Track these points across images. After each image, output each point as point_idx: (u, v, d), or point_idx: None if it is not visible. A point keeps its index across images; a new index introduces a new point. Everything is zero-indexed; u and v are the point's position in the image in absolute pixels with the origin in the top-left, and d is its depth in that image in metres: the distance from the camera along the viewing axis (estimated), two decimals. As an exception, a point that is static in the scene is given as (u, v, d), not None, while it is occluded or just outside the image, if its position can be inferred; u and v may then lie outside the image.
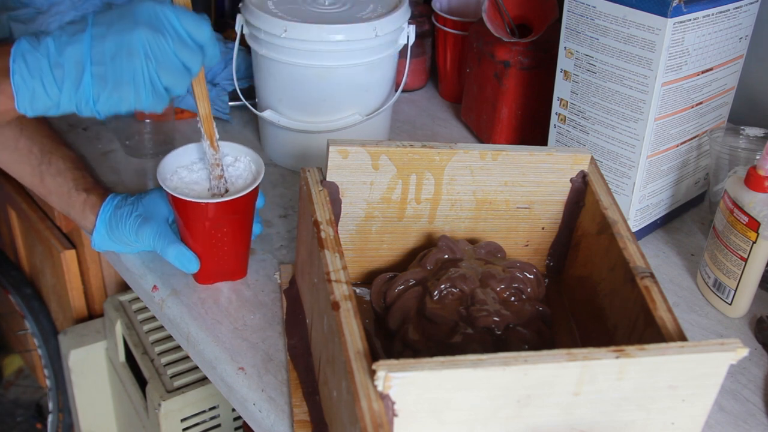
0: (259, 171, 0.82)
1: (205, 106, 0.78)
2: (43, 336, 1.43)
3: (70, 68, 0.68)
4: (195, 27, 0.70)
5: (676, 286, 0.89)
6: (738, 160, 0.91)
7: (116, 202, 0.85)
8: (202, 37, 0.70)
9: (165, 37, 0.68)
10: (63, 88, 0.68)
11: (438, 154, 0.74)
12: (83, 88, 0.68)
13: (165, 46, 0.68)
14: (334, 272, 0.62)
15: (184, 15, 0.69)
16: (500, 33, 1.04)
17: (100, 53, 0.68)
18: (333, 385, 0.61)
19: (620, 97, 0.86)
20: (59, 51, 0.67)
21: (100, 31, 0.68)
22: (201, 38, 0.70)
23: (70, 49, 0.67)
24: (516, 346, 0.66)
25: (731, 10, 0.86)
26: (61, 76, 0.68)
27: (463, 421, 0.54)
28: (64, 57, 0.67)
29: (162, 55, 0.68)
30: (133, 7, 0.69)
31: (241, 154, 0.84)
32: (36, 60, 0.67)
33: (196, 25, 0.70)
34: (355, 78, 0.98)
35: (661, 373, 0.55)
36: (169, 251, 0.81)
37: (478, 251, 0.76)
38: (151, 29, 0.68)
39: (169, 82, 0.70)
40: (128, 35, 0.67)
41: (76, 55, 0.68)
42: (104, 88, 0.68)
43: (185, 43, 0.69)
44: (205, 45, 0.71)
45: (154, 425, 1.15)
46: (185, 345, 0.81)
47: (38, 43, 0.68)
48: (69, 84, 0.68)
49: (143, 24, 0.68)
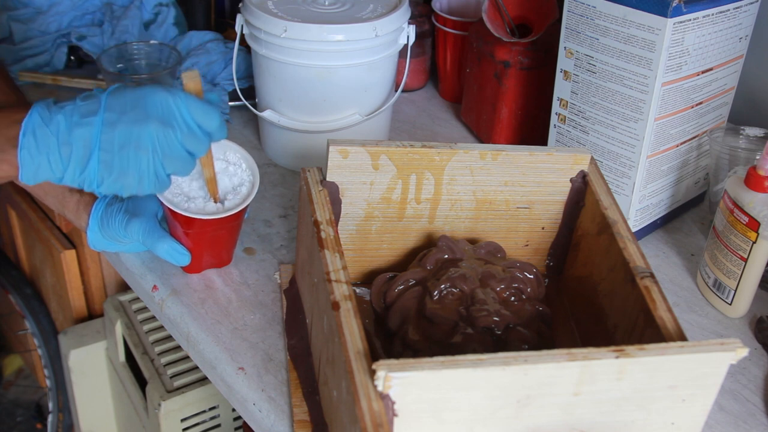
0: (254, 183, 0.82)
1: (210, 171, 0.79)
2: (43, 336, 1.43)
3: (78, 149, 0.69)
4: (205, 118, 0.71)
5: (676, 286, 0.89)
6: (738, 160, 0.91)
7: (108, 200, 0.86)
8: (211, 127, 0.72)
9: (174, 130, 0.69)
10: (68, 167, 0.69)
11: (438, 154, 0.74)
12: (89, 171, 0.69)
13: (173, 139, 0.69)
14: (334, 272, 0.62)
15: (195, 106, 0.70)
16: (500, 33, 1.04)
17: (109, 141, 0.69)
18: (333, 385, 0.61)
19: (620, 97, 0.86)
20: (69, 130, 0.68)
21: (112, 117, 0.69)
22: (210, 128, 0.72)
23: (80, 130, 0.68)
24: (516, 346, 0.66)
25: (731, 10, 0.86)
26: (68, 156, 0.69)
27: (463, 421, 0.54)
28: (73, 137, 0.68)
29: (169, 148, 0.70)
30: (146, 95, 0.70)
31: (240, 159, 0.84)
32: (45, 137, 0.68)
33: (207, 117, 0.71)
34: (355, 78, 0.98)
35: (661, 373, 0.55)
36: (159, 246, 0.81)
37: (478, 251, 0.76)
38: (162, 124, 0.69)
39: (173, 170, 0.71)
40: (138, 128, 0.68)
41: (85, 138, 0.69)
42: (109, 174, 0.70)
43: (194, 133, 0.71)
44: (213, 133, 0.72)
45: (154, 425, 1.15)
46: (185, 345, 0.81)
47: (50, 118, 0.68)
48: (75, 164, 0.69)
49: (154, 118, 0.69)
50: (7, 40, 1.28)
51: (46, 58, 1.25)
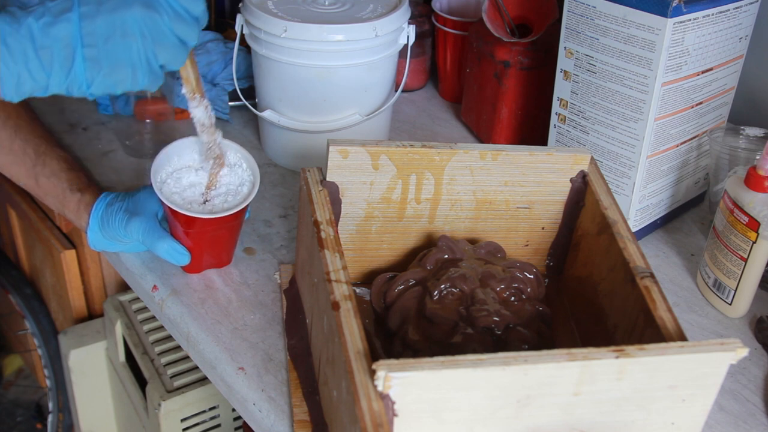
0: (255, 183, 0.82)
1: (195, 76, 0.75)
2: (43, 336, 1.43)
3: (59, 51, 0.63)
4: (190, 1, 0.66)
5: (676, 286, 0.89)
6: (738, 160, 0.91)
7: (108, 200, 0.86)
8: (197, 9, 0.67)
9: (160, 13, 0.65)
10: (52, 72, 0.64)
11: (438, 154, 0.74)
12: (75, 71, 0.64)
13: (160, 23, 0.65)
14: (334, 272, 0.62)
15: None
16: (500, 33, 1.04)
17: (92, 34, 0.63)
18: (333, 385, 0.61)
19: (620, 97, 0.86)
20: (44, 32, 0.62)
21: (89, 10, 0.63)
22: (196, 11, 0.67)
23: (56, 29, 0.63)
24: (516, 346, 0.66)
25: (731, 10, 0.86)
26: (49, 60, 0.63)
27: (463, 421, 0.54)
28: (51, 38, 0.63)
29: (158, 32, 0.65)
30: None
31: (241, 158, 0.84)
32: (19, 43, 0.62)
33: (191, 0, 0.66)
34: (355, 78, 0.98)
35: (661, 373, 0.55)
36: (159, 246, 0.81)
37: (478, 251, 0.76)
38: (145, 6, 0.64)
39: (166, 59, 0.67)
40: (121, 14, 0.63)
41: (65, 37, 0.63)
42: (98, 71, 0.65)
43: (181, 17, 0.66)
44: (200, 17, 0.68)
45: (154, 425, 1.15)
46: (185, 345, 0.81)
47: (19, 24, 0.62)
48: (58, 67, 0.64)
49: (137, 2, 0.64)
50: None
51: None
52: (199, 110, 0.77)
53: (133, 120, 1.05)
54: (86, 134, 1.12)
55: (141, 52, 0.65)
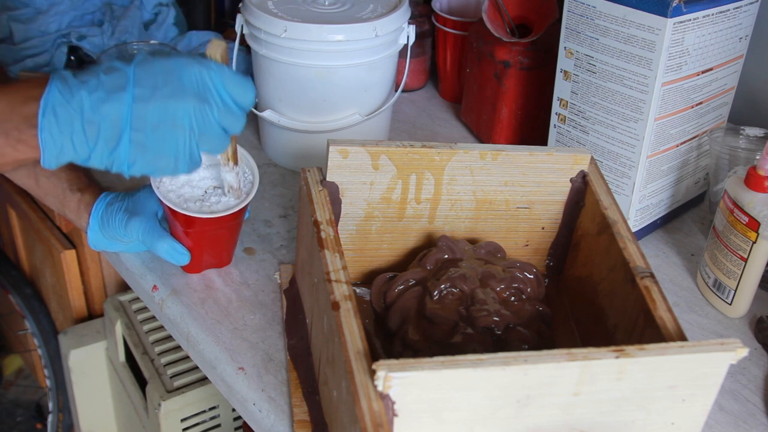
0: (255, 183, 0.82)
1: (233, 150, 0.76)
2: (43, 336, 1.43)
3: (106, 129, 0.62)
4: (241, 92, 0.65)
5: (676, 286, 0.89)
6: (738, 160, 0.91)
7: (108, 200, 0.86)
8: (246, 102, 0.66)
9: (211, 106, 0.64)
10: (95, 148, 0.63)
11: (438, 154, 0.74)
12: (119, 151, 0.63)
13: (210, 116, 0.64)
14: (334, 272, 0.62)
15: (230, 80, 0.65)
16: (500, 33, 1.04)
17: (142, 118, 0.62)
18: (333, 385, 0.61)
19: (620, 97, 0.86)
20: (94, 108, 0.62)
21: (143, 93, 0.62)
22: (246, 103, 0.66)
23: (107, 107, 0.62)
24: (516, 346, 0.66)
25: (731, 10, 0.86)
26: (95, 136, 0.62)
27: (463, 421, 0.54)
28: (100, 115, 0.62)
29: (206, 125, 0.64)
30: (179, 68, 0.63)
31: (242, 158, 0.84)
32: (68, 116, 0.61)
33: (243, 91, 0.65)
34: (355, 78, 0.98)
35: (661, 373, 0.55)
36: (159, 246, 0.81)
37: (478, 251, 0.76)
38: (198, 100, 0.63)
39: (207, 148, 0.66)
40: (174, 104, 0.62)
41: (114, 116, 0.62)
42: (142, 155, 0.64)
43: (230, 109, 0.65)
44: (248, 108, 0.67)
45: (154, 425, 1.15)
46: (185, 345, 0.81)
47: (71, 94, 0.61)
48: (103, 145, 0.63)
49: (191, 94, 0.63)
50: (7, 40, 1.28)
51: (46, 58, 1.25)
52: (230, 175, 0.79)
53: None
54: (86, 134, 1.12)
55: (186, 143, 0.64)
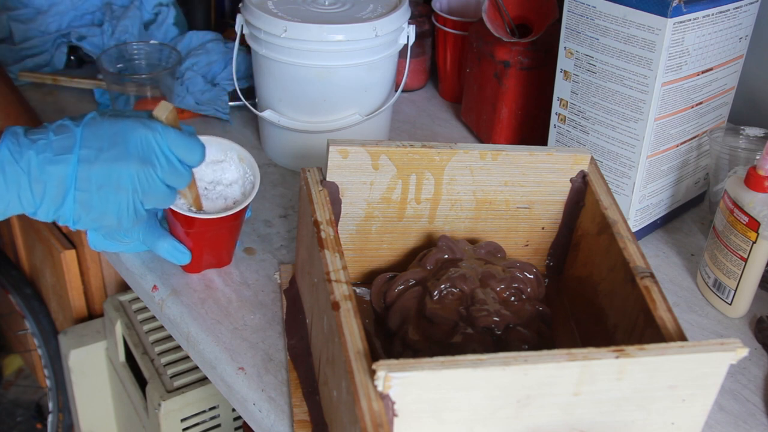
0: (255, 183, 0.82)
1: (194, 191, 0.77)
2: (43, 336, 1.43)
3: (52, 188, 0.65)
4: (187, 153, 0.69)
5: (676, 286, 0.89)
6: (738, 160, 0.91)
7: None
8: (193, 161, 0.70)
9: (155, 168, 0.67)
10: (42, 204, 0.66)
11: (438, 154, 0.74)
12: (64, 209, 0.67)
13: (154, 177, 0.67)
14: (334, 272, 0.62)
15: (177, 142, 0.68)
16: (500, 33, 1.04)
17: (86, 179, 0.66)
18: (333, 385, 0.61)
19: (620, 97, 0.86)
20: (41, 167, 0.65)
21: (89, 154, 0.65)
22: (192, 162, 0.70)
23: (53, 168, 0.65)
24: (516, 346, 0.66)
25: (731, 10, 0.86)
26: (41, 193, 0.66)
27: (463, 421, 0.54)
28: (47, 174, 0.65)
29: (149, 186, 0.68)
30: (124, 131, 0.66)
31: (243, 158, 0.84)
32: (15, 174, 0.64)
33: (189, 152, 0.69)
34: (355, 78, 0.98)
35: (661, 373, 0.55)
36: (159, 245, 0.81)
37: (478, 251, 0.76)
38: (142, 163, 0.66)
39: (153, 205, 0.70)
40: (117, 169, 0.66)
41: (59, 176, 0.65)
42: (87, 213, 0.67)
43: (175, 169, 0.69)
44: (194, 165, 0.71)
45: (154, 425, 1.15)
46: (185, 345, 0.81)
47: (20, 154, 0.64)
48: (48, 202, 0.66)
49: (135, 158, 0.66)
50: (7, 40, 1.28)
51: (46, 58, 1.25)
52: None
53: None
54: (86, 134, 1.12)
55: (130, 203, 0.68)
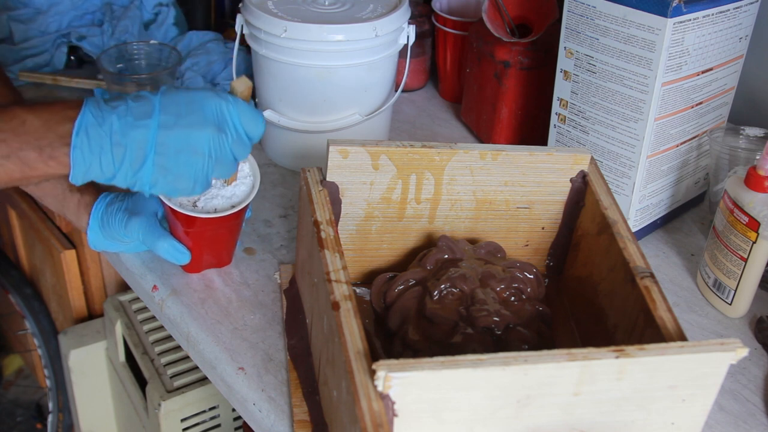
0: (255, 183, 0.82)
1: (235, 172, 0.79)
2: (43, 336, 1.43)
3: (132, 151, 0.68)
4: (253, 126, 0.72)
5: (676, 286, 0.89)
6: (738, 160, 0.91)
7: (108, 200, 0.86)
8: (256, 135, 0.73)
9: (227, 136, 0.70)
10: (121, 168, 0.68)
11: (438, 154, 0.74)
12: (143, 173, 0.69)
13: (225, 145, 0.70)
14: (334, 272, 0.62)
15: (245, 114, 0.71)
16: (500, 33, 1.04)
17: (165, 144, 0.68)
18: (333, 385, 0.61)
19: (620, 97, 0.86)
20: (123, 132, 0.67)
21: (168, 120, 0.68)
22: (255, 135, 0.73)
23: (134, 132, 0.67)
24: (516, 346, 0.66)
25: (731, 10, 0.86)
26: (121, 157, 0.68)
27: (463, 421, 0.54)
28: (128, 139, 0.67)
29: (221, 153, 0.70)
30: (200, 99, 0.70)
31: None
32: (99, 137, 0.67)
33: (254, 125, 0.72)
34: (355, 78, 0.98)
35: (661, 373, 0.55)
36: (159, 245, 0.81)
37: (478, 251, 0.76)
38: (217, 130, 0.69)
39: (219, 173, 0.72)
40: (196, 133, 0.69)
41: (140, 140, 0.68)
42: (164, 177, 0.69)
43: (241, 140, 0.72)
44: (255, 139, 0.73)
45: (154, 425, 1.15)
46: (185, 345, 0.81)
47: (103, 118, 0.67)
48: (128, 166, 0.68)
49: (211, 123, 0.69)
50: (7, 40, 1.28)
51: (46, 58, 1.25)
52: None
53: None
54: (86, 134, 1.12)
55: (204, 168, 0.70)
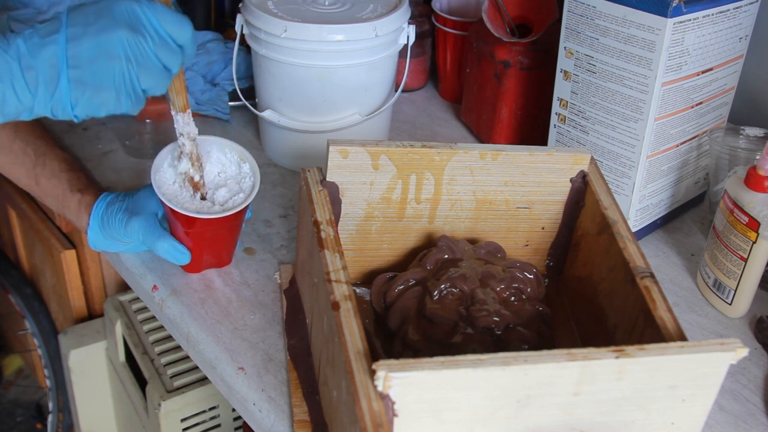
0: (255, 183, 0.82)
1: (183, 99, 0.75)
2: (43, 336, 1.43)
3: (44, 71, 0.64)
4: (176, 28, 0.67)
5: (676, 286, 0.89)
6: (738, 160, 0.91)
7: (108, 200, 0.86)
8: (183, 38, 0.68)
9: (145, 38, 0.65)
10: (37, 93, 0.64)
11: (438, 154, 0.74)
12: (60, 92, 0.65)
13: (145, 47, 0.65)
14: (334, 272, 0.62)
15: (165, 15, 0.66)
16: (500, 33, 1.04)
17: (77, 56, 0.64)
18: (333, 385, 0.61)
19: (620, 97, 0.86)
20: (32, 53, 0.63)
21: (76, 31, 0.64)
22: (182, 39, 0.68)
23: (43, 51, 0.63)
24: (516, 346, 0.66)
25: (731, 10, 0.86)
26: (35, 80, 0.64)
27: (463, 421, 0.54)
28: (38, 59, 0.63)
29: (142, 57, 0.66)
30: (110, 5, 0.65)
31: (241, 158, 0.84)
32: (6, 63, 0.63)
33: (178, 26, 0.67)
34: (355, 78, 0.98)
35: (661, 373, 0.55)
36: (159, 245, 0.81)
37: (478, 251, 0.76)
38: (131, 30, 0.65)
39: (148, 84, 0.67)
40: (107, 36, 0.64)
41: (51, 58, 0.64)
42: (83, 92, 0.65)
43: (166, 43, 0.67)
44: (186, 45, 0.68)
45: (154, 425, 1.15)
46: (185, 345, 0.81)
47: (8, 44, 0.63)
48: (43, 88, 0.64)
49: (123, 25, 0.64)
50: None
51: (46, 58, 1.25)
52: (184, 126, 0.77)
53: (133, 120, 1.05)
54: (86, 134, 1.12)
55: (125, 75, 0.65)
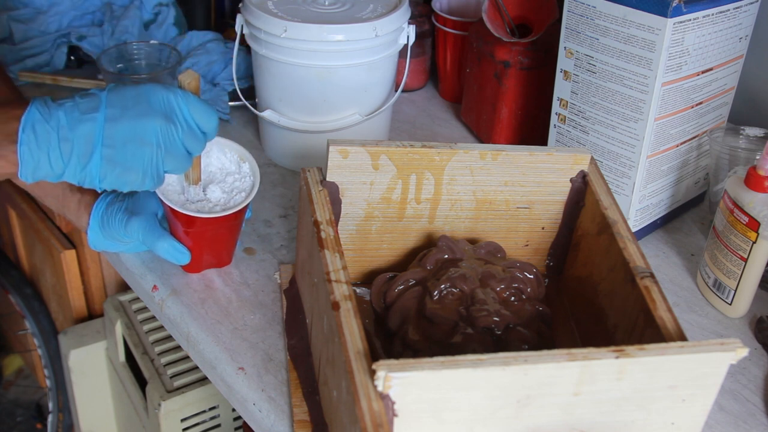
0: (255, 183, 0.82)
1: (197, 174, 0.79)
2: (43, 336, 1.43)
3: (80, 145, 0.68)
4: (204, 117, 0.72)
5: (676, 286, 0.89)
6: (738, 160, 0.91)
7: (108, 200, 0.86)
8: (209, 127, 0.72)
9: (176, 127, 0.70)
10: (69, 164, 0.68)
11: (438, 154, 0.74)
12: (91, 167, 0.69)
13: (175, 136, 0.70)
14: (334, 272, 0.62)
15: (195, 105, 0.71)
16: (500, 33, 1.04)
17: (112, 136, 0.68)
18: (333, 385, 0.61)
19: (620, 97, 0.86)
20: (71, 127, 0.68)
21: (115, 113, 0.68)
22: (208, 128, 0.72)
23: (81, 126, 0.68)
24: (516, 346, 0.66)
25: (731, 10, 0.86)
26: (69, 152, 0.68)
27: (463, 421, 0.54)
28: (75, 133, 0.68)
29: (171, 144, 0.70)
30: (147, 92, 0.70)
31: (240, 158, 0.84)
32: (46, 133, 0.67)
33: (206, 116, 0.72)
34: (355, 78, 0.98)
35: (661, 373, 0.55)
36: (159, 245, 0.81)
37: (478, 251, 0.76)
38: (165, 119, 0.69)
39: (171, 167, 0.72)
40: (143, 123, 0.69)
41: (87, 134, 0.68)
42: (112, 170, 0.69)
43: (193, 132, 0.71)
44: (209, 133, 0.73)
45: (154, 425, 1.15)
46: (185, 345, 0.81)
47: (49, 114, 0.67)
48: (76, 161, 0.68)
49: (159, 114, 0.69)
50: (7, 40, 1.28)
51: (46, 58, 1.25)
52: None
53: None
54: (86, 134, 1.12)
55: (153, 160, 0.70)
